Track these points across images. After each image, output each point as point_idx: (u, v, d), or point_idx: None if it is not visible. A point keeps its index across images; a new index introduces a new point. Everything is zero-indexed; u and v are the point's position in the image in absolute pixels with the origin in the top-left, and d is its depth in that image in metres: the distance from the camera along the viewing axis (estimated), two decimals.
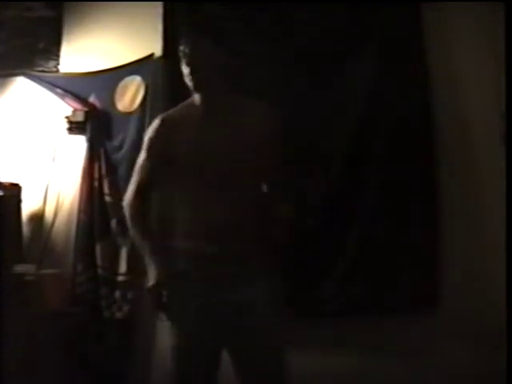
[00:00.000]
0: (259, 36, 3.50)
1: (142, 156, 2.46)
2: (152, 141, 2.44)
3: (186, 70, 2.33)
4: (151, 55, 3.73)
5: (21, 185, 3.79)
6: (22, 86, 4.09)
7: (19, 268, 3.53)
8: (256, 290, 2.29)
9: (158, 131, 2.44)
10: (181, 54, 2.35)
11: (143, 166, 2.44)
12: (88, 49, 4.03)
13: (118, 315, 3.56)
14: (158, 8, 3.70)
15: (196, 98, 2.40)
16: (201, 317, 2.26)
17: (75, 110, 3.84)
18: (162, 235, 2.50)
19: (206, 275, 2.27)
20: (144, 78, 3.72)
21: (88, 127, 3.81)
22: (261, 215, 2.36)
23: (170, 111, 2.54)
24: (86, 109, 3.83)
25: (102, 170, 3.72)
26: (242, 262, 2.30)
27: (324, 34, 3.40)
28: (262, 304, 2.28)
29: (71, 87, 3.93)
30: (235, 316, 2.27)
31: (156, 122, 2.47)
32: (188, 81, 2.34)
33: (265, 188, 2.43)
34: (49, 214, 3.88)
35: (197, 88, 2.33)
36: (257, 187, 2.41)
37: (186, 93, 3.44)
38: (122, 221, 3.56)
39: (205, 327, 2.26)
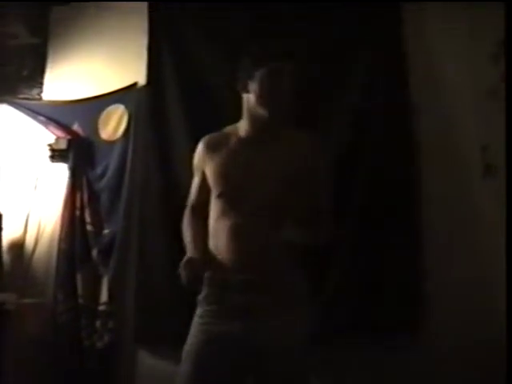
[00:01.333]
0: None
1: (195, 178, 2.59)
2: (195, 162, 2.56)
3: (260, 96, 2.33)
4: (135, 84, 3.74)
5: (1, 212, 3.75)
6: (4, 113, 4.06)
7: None
8: (283, 320, 2.28)
9: (198, 153, 2.54)
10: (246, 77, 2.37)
11: (194, 186, 2.58)
12: (72, 77, 4.03)
13: (99, 345, 3.51)
14: (143, 36, 3.72)
15: (245, 124, 2.43)
16: (217, 341, 2.27)
17: (58, 138, 3.82)
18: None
19: (232, 303, 2.28)
20: (127, 107, 3.73)
21: (71, 155, 3.78)
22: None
23: (215, 133, 2.57)
24: (69, 137, 3.81)
25: (83, 199, 3.70)
26: (269, 291, 2.29)
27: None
28: (287, 334, 2.27)
29: (54, 115, 3.92)
30: (256, 346, 2.26)
31: (199, 144, 2.55)
32: (260, 109, 2.35)
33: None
34: (29, 242, 3.84)
35: (272, 116, 2.35)
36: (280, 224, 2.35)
37: (168, 122, 3.52)
38: (103, 250, 3.59)
39: (227, 356, 2.26)
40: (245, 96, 2.44)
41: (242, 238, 2.29)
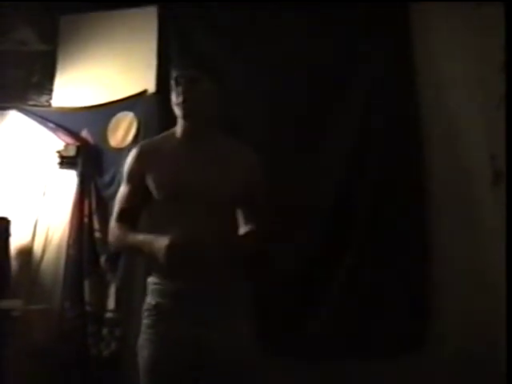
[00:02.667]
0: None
1: (122, 185, 2.45)
2: (130, 169, 2.43)
3: (177, 98, 2.33)
4: (144, 91, 3.75)
5: (9, 219, 3.75)
6: (14, 119, 4.08)
7: (6, 303, 3.48)
8: (229, 328, 2.26)
9: (135, 159, 2.42)
10: (173, 83, 2.35)
11: (123, 194, 2.43)
12: (81, 84, 4.05)
13: (106, 352, 3.50)
14: (153, 44, 3.73)
15: (178, 128, 2.41)
16: (170, 351, 2.23)
17: (67, 145, 3.83)
18: None
19: (184, 312, 2.25)
20: (137, 114, 3.74)
21: (79, 162, 3.80)
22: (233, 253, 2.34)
23: (149, 140, 2.55)
24: (77, 143, 3.82)
25: (92, 206, 3.70)
26: (215, 302, 2.28)
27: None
28: (234, 343, 2.26)
29: (63, 122, 3.94)
30: (205, 355, 2.24)
31: (134, 151, 2.45)
32: (177, 109, 2.34)
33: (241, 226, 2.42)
34: (37, 249, 3.85)
35: (186, 117, 2.34)
36: (228, 223, 2.38)
37: None
38: (110, 257, 3.58)
39: (172, 362, 2.23)
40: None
41: (192, 241, 2.22)
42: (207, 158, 2.36)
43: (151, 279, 2.37)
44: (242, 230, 2.37)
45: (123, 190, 2.44)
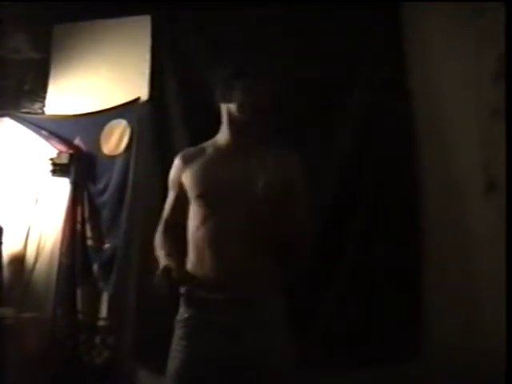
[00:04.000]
0: None
1: (169, 194, 2.56)
2: (172, 178, 2.53)
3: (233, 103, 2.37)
4: (137, 99, 3.75)
5: (2, 226, 3.74)
6: (7, 126, 4.07)
7: None
8: (267, 336, 2.27)
9: (175, 168, 2.52)
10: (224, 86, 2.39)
11: (167, 203, 2.56)
12: (74, 91, 4.04)
13: (98, 361, 3.49)
14: (145, 52, 3.74)
15: (222, 137, 2.46)
16: (201, 362, 2.23)
17: (60, 152, 3.83)
18: None
19: (217, 324, 2.25)
20: (130, 122, 3.74)
21: (72, 170, 3.79)
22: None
23: (190, 148, 2.57)
24: (70, 151, 3.81)
25: (84, 214, 3.70)
26: (248, 312, 2.28)
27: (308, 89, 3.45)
28: (271, 351, 2.26)
29: (56, 129, 3.92)
30: (239, 365, 2.25)
31: (175, 159, 2.54)
32: (242, 112, 2.37)
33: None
34: (30, 256, 3.83)
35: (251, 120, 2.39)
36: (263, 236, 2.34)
37: (170, 137, 3.52)
38: (103, 265, 3.58)
39: (204, 373, 2.23)
40: (223, 106, 2.46)
41: (223, 245, 2.27)
42: (246, 167, 2.36)
43: (184, 290, 2.36)
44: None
45: (168, 198, 2.57)
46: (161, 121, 3.63)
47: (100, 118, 3.82)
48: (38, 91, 4.14)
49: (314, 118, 3.40)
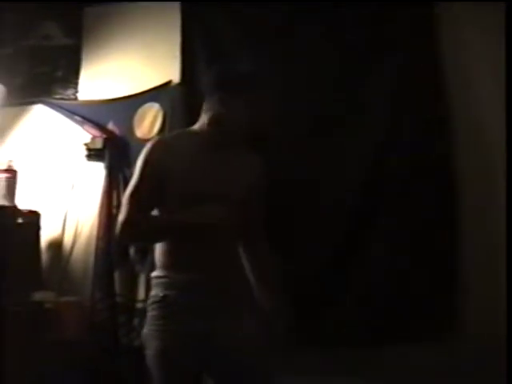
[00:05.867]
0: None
1: (134, 179, 2.36)
2: (149, 162, 2.35)
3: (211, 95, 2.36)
4: (169, 82, 3.75)
5: (40, 212, 3.80)
6: (41, 113, 4.12)
7: (38, 295, 3.53)
8: (235, 321, 2.29)
9: (155, 153, 2.35)
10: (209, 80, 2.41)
11: (135, 190, 2.33)
12: (106, 76, 4.06)
13: (137, 342, 3.52)
14: (176, 34, 3.73)
15: (200, 126, 2.42)
16: (180, 342, 2.25)
17: (94, 137, 3.85)
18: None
19: (193, 304, 2.27)
20: (162, 105, 3.74)
21: (106, 154, 3.82)
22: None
23: (169, 135, 2.55)
24: (104, 136, 3.84)
25: (120, 198, 3.69)
26: (231, 293, 2.32)
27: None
28: (241, 336, 2.28)
29: (90, 114, 3.95)
30: (215, 345, 2.26)
31: (148, 145, 2.39)
32: (209, 107, 2.37)
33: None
34: (67, 241, 3.89)
35: (214, 120, 2.36)
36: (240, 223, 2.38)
37: None
38: (140, 248, 3.60)
39: (183, 353, 2.25)
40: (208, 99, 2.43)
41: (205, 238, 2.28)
42: (223, 162, 2.38)
43: (156, 273, 2.38)
44: None
45: (134, 184, 2.34)
46: (193, 104, 3.62)
47: (132, 102, 3.83)
48: (71, 77, 4.16)
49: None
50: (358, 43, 3.42)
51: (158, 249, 2.39)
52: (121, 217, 2.29)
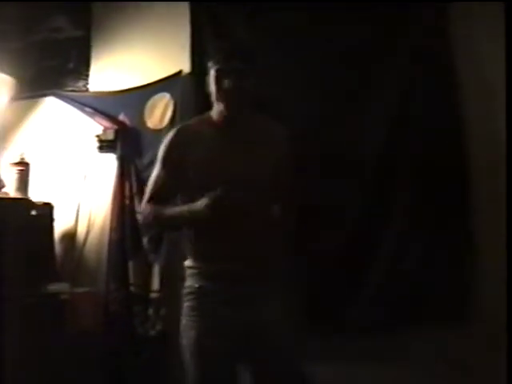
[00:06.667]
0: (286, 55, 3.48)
1: (157, 167, 2.45)
2: (167, 151, 2.43)
3: (219, 89, 2.34)
4: (179, 72, 3.74)
5: (53, 204, 3.81)
6: (52, 105, 4.14)
7: (53, 287, 3.55)
8: (269, 309, 2.30)
9: (172, 141, 2.43)
10: (214, 73, 2.36)
11: (158, 177, 2.44)
12: (117, 67, 4.07)
13: (152, 332, 3.54)
14: (186, 25, 3.72)
15: (215, 114, 2.42)
16: (217, 331, 2.27)
17: (105, 129, 3.86)
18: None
19: (227, 294, 2.29)
20: (173, 95, 3.73)
21: (118, 145, 3.82)
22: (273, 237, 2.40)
23: (185, 124, 2.54)
24: (116, 127, 3.84)
25: (132, 188, 3.73)
26: (257, 281, 2.32)
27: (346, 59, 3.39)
28: (276, 323, 2.30)
29: (101, 106, 3.96)
30: (251, 333, 2.28)
31: (171, 133, 2.47)
32: (220, 98, 2.35)
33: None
34: (81, 232, 3.91)
35: (229, 108, 2.35)
36: (268, 208, 2.41)
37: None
38: (153, 238, 3.61)
39: (220, 342, 2.26)
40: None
41: (232, 222, 2.26)
42: (244, 143, 2.38)
43: (188, 263, 2.41)
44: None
45: (158, 173, 2.44)
46: (203, 93, 3.61)
47: (143, 93, 3.83)
48: (81, 69, 4.17)
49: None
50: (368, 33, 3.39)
51: (188, 238, 2.41)
52: (142, 204, 2.50)
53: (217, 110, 2.40)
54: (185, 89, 3.69)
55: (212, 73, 2.37)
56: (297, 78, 3.40)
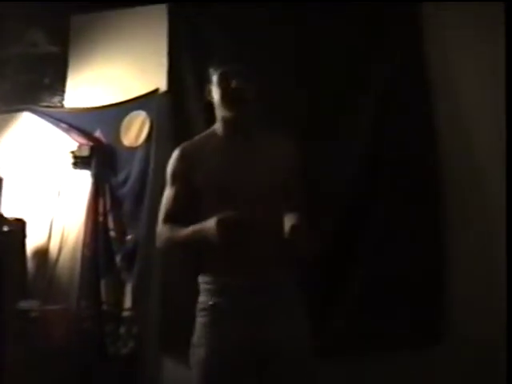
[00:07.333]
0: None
1: (167, 188, 2.46)
2: (174, 170, 2.45)
3: (223, 94, 2.37)
4: (156, 90, 3.75)
5: (25, 220, 3.77)
6: (27, 121, 4.11)
7: (24, 304, 3.51)
8: (283, 325, 2.28)
9: (178, 160, 2.44)
10: (217, 78, 2.39)
11: (168, 197, 2.44)
12: (93, 84, 4.05)
13: (124, 351, 3.52)
14: (163, 42, 3.74)
15: (220, 126, 2.44)
16: (228, 351, 2.25)
17: (80, 145, 3.84)
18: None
19: (241, 309, 2.28)
20: (149, 113, 3.74)
21: (93, 162, 3.80)
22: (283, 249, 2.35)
23: (190, 141, 2.55)
24: (91, 143, 3.83)
25: (106, 205, 3.72)
26: (278, 295, 2.31)
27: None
28: (289, 339, 2.28)
29: (76, 122, 3.94)
30: (264, 350, 2.26)
31: (176, 153, 2.47)
32: (224, 105, 2.37)
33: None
34: (53, 249, 3.86)
35: (235, 113, 2.37)
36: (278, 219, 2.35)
37: (190, 127, 3.52)
38: (126, 256, 3.60)
39: (231, 361, 2.25)
40: (214, 102, 2.46)
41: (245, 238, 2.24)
42: (250, 154, 2.39)
43: (203, 278, 2.38)
44: (286, 220, 2.28)
45: (168, 193, 2.45)
46: (180, 112, 3.63)
47: (119, 110, 3.83)
48: (57, 85, 4.16)
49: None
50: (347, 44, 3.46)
51: (201, 253, 2.40)
52: (157, 228, 2.46)
53: (222, 119, 2.43)
54: (161, 107, 3.71)
55: (215, 78, 2.40)
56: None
